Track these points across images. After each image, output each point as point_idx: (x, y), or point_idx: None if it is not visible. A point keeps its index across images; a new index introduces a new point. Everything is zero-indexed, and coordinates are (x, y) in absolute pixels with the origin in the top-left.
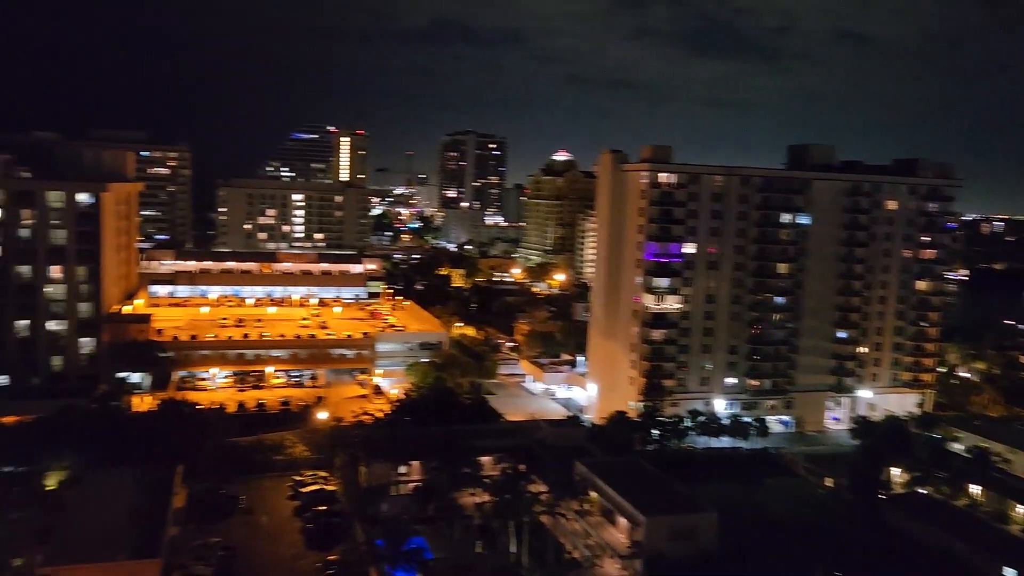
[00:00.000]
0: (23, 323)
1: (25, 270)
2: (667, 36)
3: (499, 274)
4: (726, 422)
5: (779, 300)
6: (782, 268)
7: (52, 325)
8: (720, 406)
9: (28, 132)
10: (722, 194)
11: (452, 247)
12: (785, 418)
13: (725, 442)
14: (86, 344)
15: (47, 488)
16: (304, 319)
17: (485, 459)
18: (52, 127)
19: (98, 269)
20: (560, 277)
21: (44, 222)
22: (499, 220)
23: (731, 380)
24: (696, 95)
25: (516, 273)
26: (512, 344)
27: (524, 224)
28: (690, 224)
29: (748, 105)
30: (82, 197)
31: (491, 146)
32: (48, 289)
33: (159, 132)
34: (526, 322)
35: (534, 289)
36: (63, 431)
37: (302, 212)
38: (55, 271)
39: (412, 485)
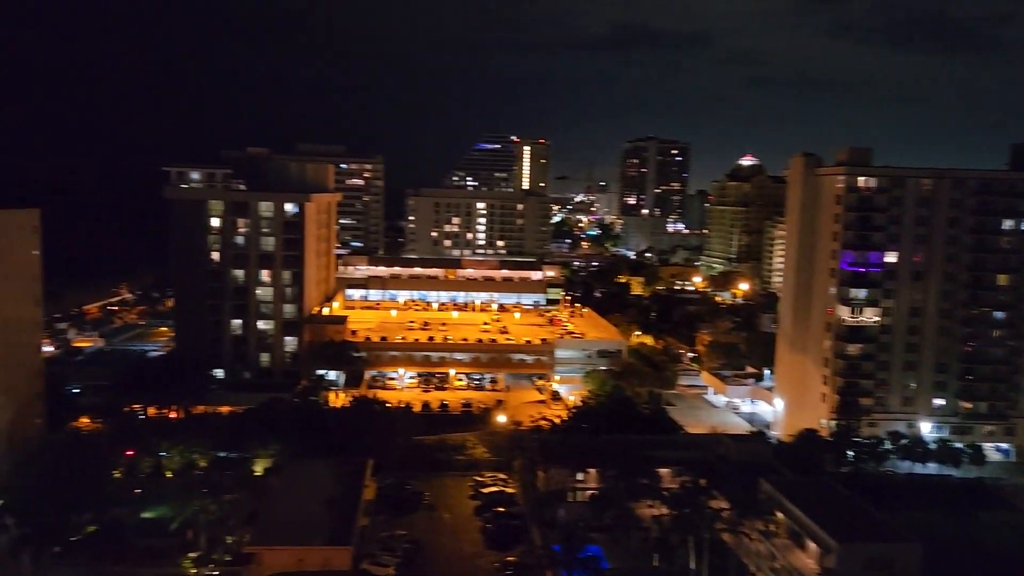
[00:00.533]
0: (237, 322)
1: (239, 274)
2: (864, 31)
3: (680, 282)
4: (933, 447)
5: (998, 315)
6: (1002, 279)
7: (261, 325)
8: (925, 429)
9: (243, 149)
10: (930, 198)
11: (632, 255)
12: (1004, 446)
13: (931, 469)
14: (290, 343)
15: (255, 474)
16: (485, 324)
17: (663, 471)
18: (263, 143)
19: (301, 273)
20: (745, 286)
21: (256, 230)
22: (681, 227)
23: (939, 401)
24: (893, 92)
25: (698, 282)
26: (693, 355)
27: (707, 231)
28: (892, 231)
29: (955, 101)
30: (288, 207)
31: (673, 152)
32: (258, 291)
33: (356, 146)
34: (708, 332)
35: (717, 298)
36: (269, 422)
37: (485, 220)
38: (265, 275)
39: (589, 492)
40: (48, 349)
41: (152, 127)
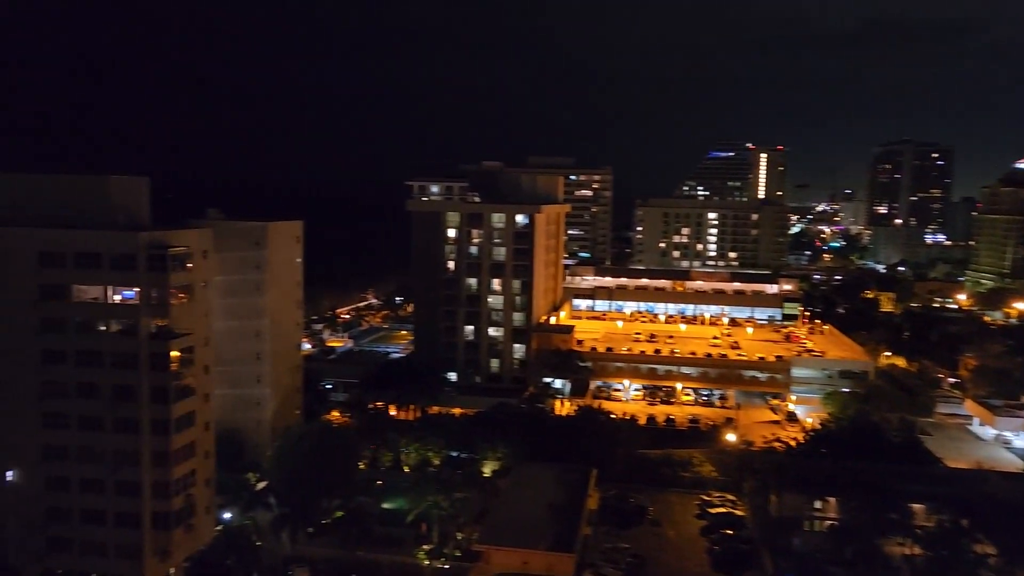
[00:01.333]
0: (469, 329)
1: (472, 282)
2: None
3: (939, 299)
4: None
5: None
6: None
7: (492, 331)
8: None
9: (478, 163)
10: None
11: (881, 268)
12: None
13: None
14: (518, 350)
15: (484, 475)
16: (715, 338)
17: (916, 506)
18: (497, 157)
19: (530, 283)
20: (1021, 305)
21: (488, 240)
22: (941, 238)
23: None
24: None
25: (962, 299)
26: (954, 380)
27: (974, 243)
28: None
29: None
30: (519, 218)
31: (933, 155)
32: (490, 299)
33: (586, 157)
34: (974, 356)
35: (986, 318)
36: (497, 426)
37: (716, 230)
38: (496, 283)
39: (828, 523)
40: (306, 347)
41: (398, 143)
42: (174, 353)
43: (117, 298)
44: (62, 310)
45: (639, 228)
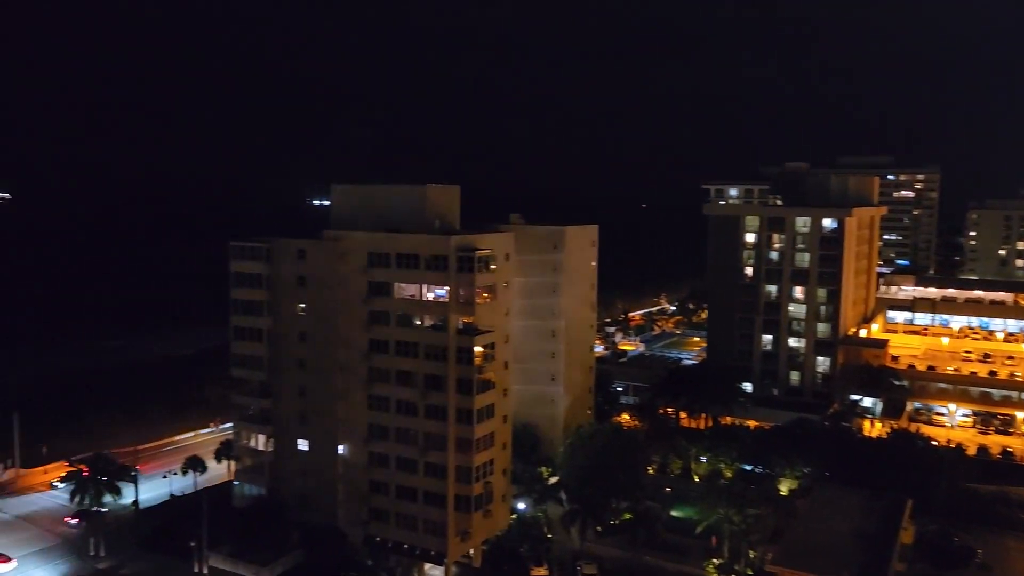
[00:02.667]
0: (767, 338)
1: (772, 289)
2: None
3: None
4: None
5: None
6: None
7: (792, 342)
8: None
9: (781, 164)
10: None
11: None
12: None
13: None
14: (821, 363)
15: (780, 492)
16: None
17: None
18: (802, 158)
19: (838, 291)
20: None
21: (791, 245)
22: None
23: None
24: None
25: None
26: None
27: None
28: None
29: None
30: (827, 222)
31: None
32: (791, 308)
33: (907, 156)
34: None
35: None
36: (796, 442)
37: None
38: (798, 291)
39: None
40: (599, 349)
41: (695, 146)
42: (478, 348)
43: (430, 296)
44: (386, 305)
45: (972, 233)
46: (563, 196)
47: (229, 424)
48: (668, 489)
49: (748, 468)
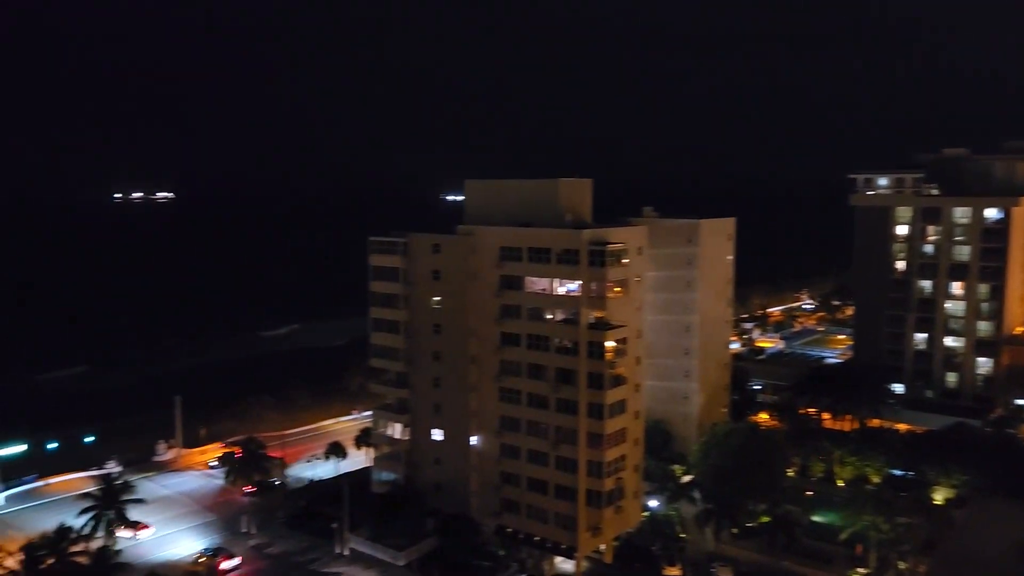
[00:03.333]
0: (920, 336)
1: (926, 285)
2: None
3: None
4: None
5: None
6: None
7: (949, 341)
8: None
9: (938, 150)
10: None
11: None
12: None
13: None
14: (983, 364)
15: (934, 502)
16: None
17: None
18: (962, 143)
19: (1002, 288)
20: None
21: (948, 238)
22: None
23: None
24: None
25: None
26: None
27: None
28: None
29: None
30: (989, 212)
31: None
32: (947, 305)
33: None
34: None
35: None
36: (953, 449)
37: None
38: (956, 287)
39: None
40: (735, 346)
41: (842, 135)
42: (609, 343)
43: (561, 290)
44: (517, 299)
45: None
46: (707, 187)
47: (368, 412)
48: (809, 493)
49: (898, 474)
